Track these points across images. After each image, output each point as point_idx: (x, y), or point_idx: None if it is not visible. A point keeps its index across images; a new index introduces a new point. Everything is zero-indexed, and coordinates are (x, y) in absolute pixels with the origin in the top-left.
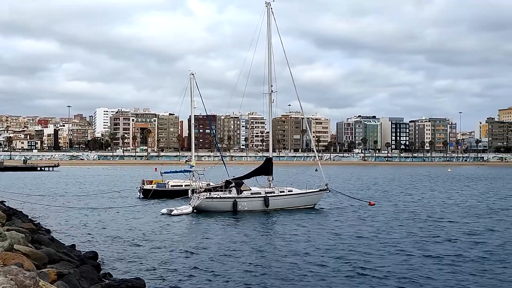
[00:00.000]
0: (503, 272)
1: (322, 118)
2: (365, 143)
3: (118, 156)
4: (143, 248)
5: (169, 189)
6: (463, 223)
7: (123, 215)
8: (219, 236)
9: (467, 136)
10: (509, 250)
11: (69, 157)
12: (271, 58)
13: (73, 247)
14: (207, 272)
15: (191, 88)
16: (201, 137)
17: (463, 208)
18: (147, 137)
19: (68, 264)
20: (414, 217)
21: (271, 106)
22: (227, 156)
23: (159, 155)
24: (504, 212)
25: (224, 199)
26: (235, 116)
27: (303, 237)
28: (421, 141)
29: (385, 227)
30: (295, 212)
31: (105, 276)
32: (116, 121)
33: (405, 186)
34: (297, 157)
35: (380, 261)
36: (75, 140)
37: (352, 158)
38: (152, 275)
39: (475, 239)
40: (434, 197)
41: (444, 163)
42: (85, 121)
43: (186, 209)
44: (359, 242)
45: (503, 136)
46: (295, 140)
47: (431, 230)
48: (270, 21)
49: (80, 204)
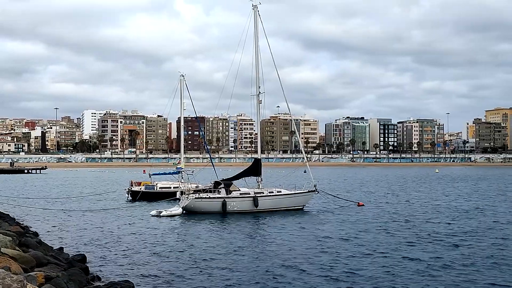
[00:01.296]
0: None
1: (310, 120)
2: (354, 144)
3: (106, 158)
4: (132, 251)
5: (158, 191)
6: (446, 224)
7: (112, 217)
8: (208, 238)
9: (454, 137)
10: (491, 252)
11: (57, 159)
12: (258, 60)
13: (61, 250)
14: (197, 274)
15: (181, 89)
16: (190, 139)
17: (448, 209)
18: (136, 139)
19: (56, 267)
20: (402, 218)
21: (259, 107)
22: (216, 157)
23: (148, 157)
24: (490, 213)
25: (213, 199)
26: (224, 117)
27: (291, 238)
28: (409, 142)
29: (373, 228)
30: (284, 213)
31: (93, 279)
32: (104, 123)
33: (393, 187)
34: (286, 158)
35: (368, 262)
36: (62, 142)
37: (340, 159)
38: (141, 277)
39: (456, 241)
40: (421, 198)
41: (432, 163)
42: (73, 123)
43: (175, 210)
44: (347, 243)
45: (490, 137)
46: (284, 142)
47: (418, 231)
48: (257, 23)
49: (68, 206)
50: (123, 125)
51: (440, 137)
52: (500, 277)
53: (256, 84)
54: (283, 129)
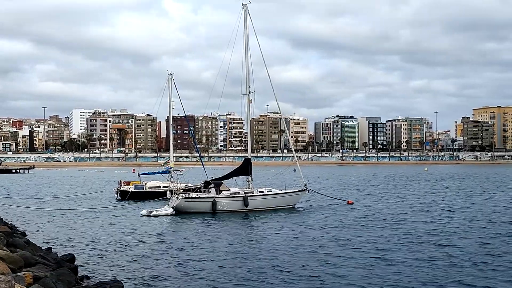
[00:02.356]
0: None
1: (300, 118)
2: (343, 143)
3: (95, 157)
4: (121, 250)
5: (147, 191)
6: (431, 222)
7: (101, 217)
8: (197, 238)
9: (443, 135)
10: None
11: (45, 158)
12: (248, 59)
13: (49, 250)
14: (186, 274)
15: (170, 88)
16: (179, 138)
17: (434, 208)
18: (125, 138)
19: (44, 267)
20: (392, 216)
21: (249, 106)
22: (206, 157)
23: (137, 156)
24: (477, 211)
25: (203, 199)
26: (213, 116)
27: (281, 238)
28: (398, 141)
29: (362, 226)
30: (274, 212)
31: (82, 279)
32: (93, 122)
33: (383, 186)
34: (276, 157)
35: (357, 261)
36: (50, 141)
37: (330, 158)
38: (131, 277)
39: (438, 240)
40: (411, 196)
41: (420, 162)
42: (61, 123)
43: (165, 210)
44: (337, 242)
45: (478, 135)
46: (274, 140)
47: (406, 228)
48: (247, 22)
49: (56, 206)
50: (112, 124)
51: (429, 136)
52: (481, 276)
53: (246, 83)
54: (273, 128)
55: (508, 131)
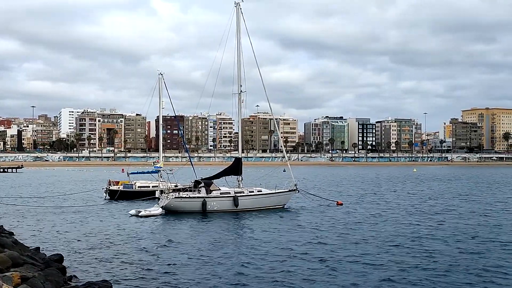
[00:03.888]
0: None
1: (290, 119)
2: (333, 143)
3: (84, 157)
4: (110, 250)
5: (136, 190)
6: (416, 224)
7: (89, 216)
8: (187, 238)
9: (432, 136)
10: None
11: (33, 158)
12: (240, 59)
13: (37, 250)
14: (174, 274)
15: (160, 88)
16: (169, 137)
17: (420, 211)
18: (114, 138)
19: (32, 267)
20: (381, 217)
21: (241, 106)
22: (195, 156)
23: (126, 156)
24: (462, 214)
25: (193, 199)
26: (203, 116)
27: (270, 238)
28: (387, 142)
29: (351, 227)
30: (264, 212)
31: (70, 279)
32: (82, 122)
33: (372, 187)
34: (265, 157)
35: (345, 261)
36: (39, 141)
37: (319, 159)
38: (119, 277)
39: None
40: (398, 198)
41: (409, 163)
42: (50, 122)
43: (155, 210)
44: (326, 243)
45: (467, 137)
46: (263, 141)
47: (396, 230)
48: (239, 21)
49: (44, 206)
50: (101, 123)
51: (418, 137)
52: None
53: (238, 82)
54: (263, 128)
55: (496, 133)
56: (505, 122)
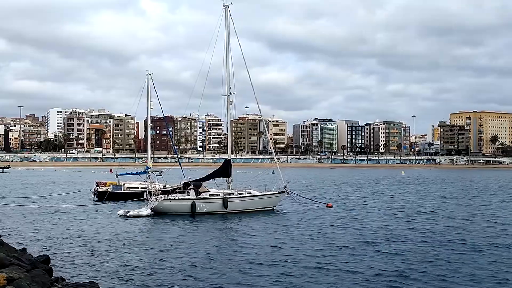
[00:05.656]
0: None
1: (279, 121)
2: (322, 145)
3: (72, 157)
4: (98, 252)
5: (125, 191)
6: (400, 226)
7: (77, 217)
8: (175, 239)
9: (420, 139)
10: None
11: (21, 158)
12: (229, 60)
13: (24, 251)
14: (162, 276)
15: (148, 88)
16: (158, 138)
17: (405, 213)
18: (102, 139)
19: (18, 269)
20: (369, 219)
21: (230, 107)
22: (184, 158)
23: (115, 157)
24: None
25: (183, 200)
26: (192, 118)
27: (259, 240)
28: (376, 144)
29: (340, 229)
30: (254, 215)
31: (57, 281)
32: (70, 122)
33: (362, 189)
34: (254, 159)
35: (333, 264)
36: (26, 141)
37: (308, 161)
38: (107, 279)
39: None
40: (388, 200)
41: (398, 165)
42: (38, 122)
43: (144, 211)
44: (315, 245)
45: (454, 140)
46: (252, 142)
47: (384, 232)
48: (228, 23)
49: (31, 206)
50: (90, 124)
51: (406, 139)
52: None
53: (227, 84)
54: (252, 129)
55: (483, 136)
56: (492, 125)
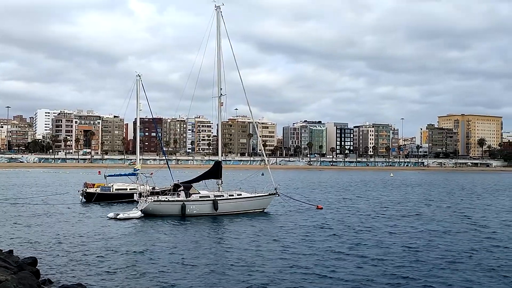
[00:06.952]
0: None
1: (268, 123)
2: (311, 147)
3: (60, 158)
4: (86, 254)
5: (114, 193)
6: (387, 228)
7: (65, 219)
8: (165, 241)
9: (408, 141)
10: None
11: (8, 159)
12: (220, 61)
13: (10, 253)
14: (151, 278)
15: (137, 90)
16: (147, 140)
17: (393, 215)
18: (91, 140)
19: (5, 271)
20: (358, 222)
21: (220, 109)
22: (173, 159)
23: (103, 158)
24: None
25: (173, 202)
26: (182, 119)
27: (249, 242)
28: (365, 146)
29: (329, 231)
30: (244, 216)
31: (44, 283)
32: (58, 123)
33: (351, 191)
34: (244, 161)
35: (323, 265)
36: (14, 142)
37: (298, 163)
38: (95, 281)
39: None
40: (377, 202)
41: (386, 167)
42: (25, 123)
43: (134, 213)
44: (305, 247)
45: (442, 142)
46: (242, 144)
47: (369, 236)
48: (219, 24)
49: (18, 208)
50: (78, 125)
51: (395, 142)
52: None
53: (218, 85)
54: (241, 131)
55: (471, 139)
56: (480, 128)
